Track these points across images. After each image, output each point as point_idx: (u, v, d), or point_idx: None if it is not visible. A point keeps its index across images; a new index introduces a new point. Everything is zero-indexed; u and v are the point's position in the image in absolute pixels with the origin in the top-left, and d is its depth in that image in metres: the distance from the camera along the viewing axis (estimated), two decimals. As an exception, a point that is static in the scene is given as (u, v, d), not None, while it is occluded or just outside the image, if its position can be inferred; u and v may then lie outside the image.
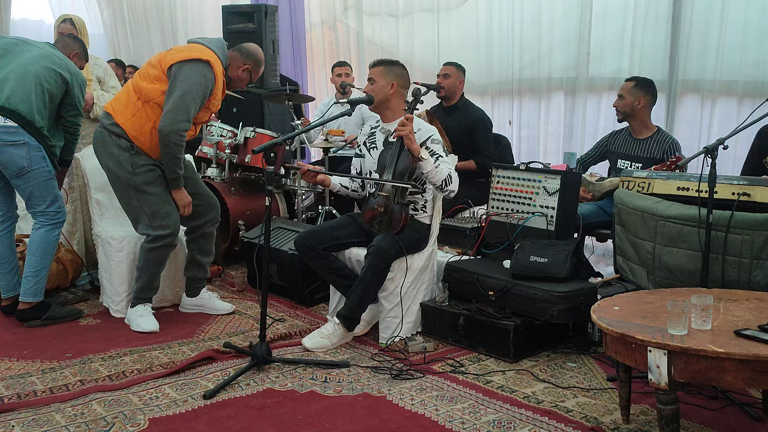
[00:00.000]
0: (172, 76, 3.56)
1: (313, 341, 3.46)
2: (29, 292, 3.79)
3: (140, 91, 3.63)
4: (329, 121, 4.09)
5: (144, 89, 3.62)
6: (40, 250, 3.79)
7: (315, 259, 3.65)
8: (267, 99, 5.78)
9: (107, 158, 3.68)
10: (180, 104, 3.52)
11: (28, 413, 2.78)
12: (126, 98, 3.67)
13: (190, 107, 3.55)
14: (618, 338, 2.39)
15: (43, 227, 3.79)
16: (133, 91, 3.65)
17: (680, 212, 3.08)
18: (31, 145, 3.67)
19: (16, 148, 3.64)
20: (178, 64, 3.56)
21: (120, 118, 3.63)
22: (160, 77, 3.61)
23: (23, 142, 3.65)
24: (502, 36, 5.68)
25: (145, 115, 3.62)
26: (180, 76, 3.54)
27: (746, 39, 4.43)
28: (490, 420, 2.72)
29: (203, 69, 3.58)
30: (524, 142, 5.71)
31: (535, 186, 3.79)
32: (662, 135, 4.14)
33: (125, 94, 3.70)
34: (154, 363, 3.30)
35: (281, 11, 6.91)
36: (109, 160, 3.67)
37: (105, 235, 4.01)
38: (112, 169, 3.68)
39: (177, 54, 3.63)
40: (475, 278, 3.55)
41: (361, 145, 3.84)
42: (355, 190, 3.87)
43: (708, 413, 2.76)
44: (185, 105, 3.53)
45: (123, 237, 3.97)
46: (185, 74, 3.55)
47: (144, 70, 3.71)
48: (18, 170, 3.69)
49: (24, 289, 3.80)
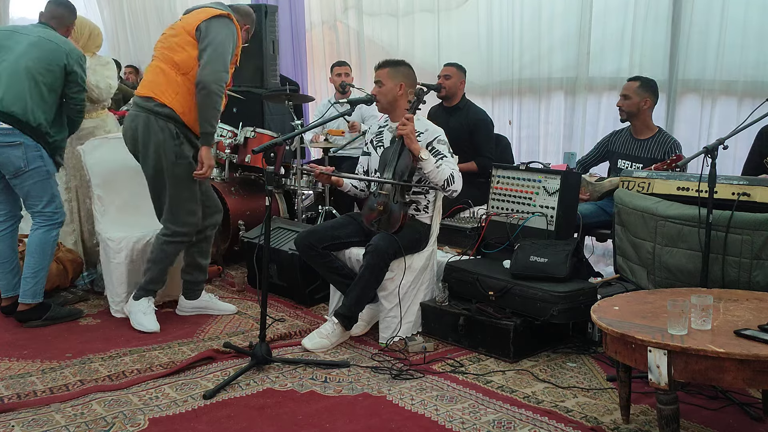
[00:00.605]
0: (202, 34, 3.55)
1: (312, 342, 3.46)
2: (28, 293, 3.78)
3: (176, 65, 3.59)
4: (329, 120, 4.09)
5: (180, 62, 3.59)
6: (39, 251, 3.78)
7: (315, 258, 3.66)
8: (267, 99, 5.77)
9: (151, 144, 3.60)
10: (217, 56, 3.53)
11: (28, 413, 2.77)
12: (163, 77, 3.61)
13: (226, 58, 3.56)
14: (618, 338, 2.39)
15: (41, 228, 3.79)
16: (169, 68, 3.60)
17: (680, 212, 3.08)
18: (28, 145, 3.66)
19: (12, 149, 3.64)
20: (204, 23, 3.56)
21: (165, 98, 3.58)
22: (190, 41, 3.59)
23: (19, 143, 3.64)
24: (503, 36, 5.68)
25: (186, 89, 3.59)
26: (210, 32, 3.54)
27: (746, 39, 4.43)
28: (490, 420, 2.72)
29: (228, 23, 3.61)
30: (524, 142, 5.71)
31: (535, 186, 3.79)
32: (663, 135, 4.13)
33: (160, 74, 3.62)
34: (154, 363, 3.30)
35: (281, 11, 6.91)
36: (152, 145, 3.60)
37: (104, 236, 3.98)
38: (153, 156, 3.61)
39: (198, 15, 3.62)
40: (475, 278, 3.55)
41: (368, 143, 3.85)
42: (363, 190, 3.89)
43: (708, 413, 2.76)
44: (222, 56, 3.54)
45: (121, 238, 3.94)
46: (214, 29, 3.55)
47: (167, 44, 3.65)
48: (15, 170, 3.68)
49: (23, 290, 3.79)
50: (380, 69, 3.69)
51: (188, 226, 3.73)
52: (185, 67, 3.59)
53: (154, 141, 3.60)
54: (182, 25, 3.65)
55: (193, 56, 3.57)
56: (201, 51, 3.55)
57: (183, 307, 4.02)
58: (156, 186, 3.70)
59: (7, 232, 3.86)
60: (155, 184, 3.70)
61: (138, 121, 3.63)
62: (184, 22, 3.65)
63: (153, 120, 3.59)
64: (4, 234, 3.85)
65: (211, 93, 3.52)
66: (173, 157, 3.61)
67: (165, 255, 3.76)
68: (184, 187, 3.67)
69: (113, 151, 4.05)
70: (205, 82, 3.51)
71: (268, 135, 4.98)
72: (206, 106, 3.55)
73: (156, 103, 3.59)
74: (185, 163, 3.64)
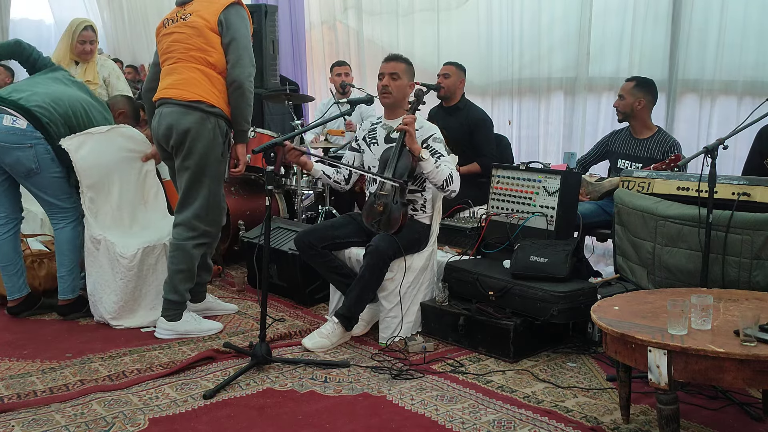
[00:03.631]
0: (224, 28, 3.51)
1: (313, 341, 3.46)
2: (68, 289, 3.88)
3: (213, 65, 3.53)
4: (329, 120, 4.09)
5: (216, 62, 3.53)
6: (70, 249, 3.83)
7: (315, 257, 3.66)
8: (267, 99, 5.78)
9: (200, 141, 3.50)
10: (243, 51, 3.50)
11: (28, 413, 2.77)
12: (204, 79, 3.52)
13: (251, 50, 3.55)
14: (618, 338, 2.39)
15: (66, 225, 3.83)
16: (208, 69, 3.52)
17: (680, 212, 3.08)
18: (39, 148, 3.67)
19: (23, 151, 3.65)
20: (222, 15, 3.51)
21: (212, 99, 3.52)
22: (217, 39, 3.52)
23: (30, 146, 3.65)
24: (502, 36, 5.68)
25: (225, 87, 3.57)
26: (231, 26, 3.51)
27: (746, 38, 4.43)
28: (490, 420, 2.72)
29: (240, 9, 3.58)
30: (524, 142, 5.71)
31: (535, 186, 3.79)
32: (663, 135, 4.13)
33: (203, 78, 3.52)
34: (154, 363, 3.30)
35: (281, 11, 6.92)
36: (202, 142, 3.51)
37: (113, 251, 3.75)
38: (200, 153, 3.51)
39: (211, 6, 3.54)
40: (475, 278, 3.55)
41: (360, 140, 3.84)
42: (338, 182, 3.87)
43: (708, 413, 2.76)
44: (247, 50, 3.53)
45: (134, 255, 3.75)
46: (234, 21, 3.52)
47: (194, 44, 3.52)
48: (26, 172, 3.69)
49: (62, 289, 3.88)
50: (398, 62, 3.66)
51: (217, 225, 3.70)
52: (221, 66, 3.55)
53: (207, 138, 3.52)
54: (201, 22, 3.52)
55: (223, 53, 3.54)
56: (225, 46, 3.52)
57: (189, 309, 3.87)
58: (193, 184, 3.57)
59: (9, 235, 3.87)
60: (193, 181, 3.56)
61: (187, 118, 3.49)
62: (200, 17, 3.53)
63: (206, 118, 3.52)
64: (6, 237, 3.85)
65: (246, 91, 3.51)
66: (220, 155, 3.58)
67: (192, 258, 3.62)
68: (220, 185, 3.65)
69: (98, 147, 3.86)
70: (239, 81, 3.49)
71: (268, 135, 4.98)
72: (242, 104, 3.53)
73: (206, 105, 3.51)
74: (225, 162, 3.64)
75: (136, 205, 4.06)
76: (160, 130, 3.58)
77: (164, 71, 3.65)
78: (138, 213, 4.06)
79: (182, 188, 3.61)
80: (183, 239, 3.60)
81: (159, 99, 3.63)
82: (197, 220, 3.60)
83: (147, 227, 4.02)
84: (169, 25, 3.64)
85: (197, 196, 3.59)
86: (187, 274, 3.63)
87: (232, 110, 3.57)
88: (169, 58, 3.62)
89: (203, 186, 3.58)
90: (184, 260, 3.60)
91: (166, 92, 3.58)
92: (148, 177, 4.10)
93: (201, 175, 3.56)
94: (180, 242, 3.60)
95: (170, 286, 3.61)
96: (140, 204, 4.08)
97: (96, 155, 3.83)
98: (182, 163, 3.58)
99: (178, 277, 3.60)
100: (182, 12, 3.62)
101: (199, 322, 3.72)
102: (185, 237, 3.61)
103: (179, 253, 3.60)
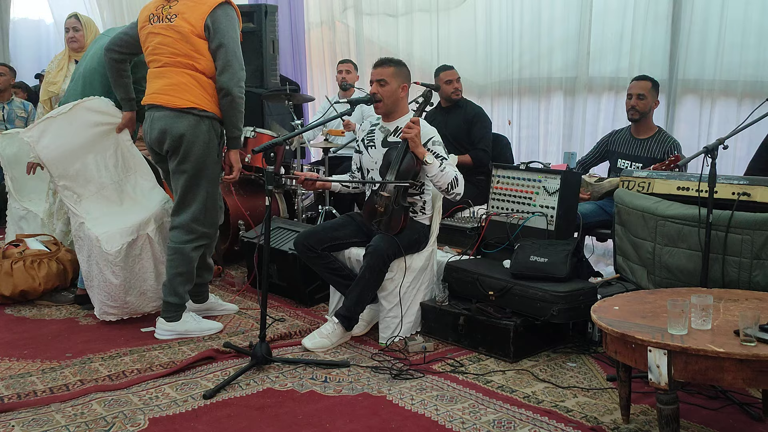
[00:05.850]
0: (212, 31, 3.44)
1: (313, 341, 3.46)
2: None
3: (205, 71, 3.49)
4: (329, 120, 4.09)
5: (204, 69, 3.49)
6: None
7: (314, 259, 3.65)
8: (267, 99, 5.77)
9: (197, 143, 3.49)
10: (232, 56, 3.44)
11: (28, 413, 2.77)
12: (197, 86, 3.48)
13: (240, 55, 3.49)
14: (618, 338, 2.39)
15: None
16: (197, 74, 3.48)
17: (680, 212, 3.08)
18: None
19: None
20: (209, 18, 3.43)
21: (204, 104, 3.49)
22: (204, 43, 3.45)
23: None
24: (502, 36, 5.68)
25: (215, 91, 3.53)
26: (219, 29, 3.43)
27: (746, 38, 4.43)
28: (490, 420, 2.72)
29: (228, 10, 3.49)
30: (524, 142, 5.71)
31: (535, 186, 3.79)
32: (663, 135, 4.13)
33: (193, 82, 3.48)
34: (154, 363, 3.30)
35: (281, 11, 6.92)
36: (198, 145, 3.49)
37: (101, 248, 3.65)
38: (198, 155, 3.49)
39: (197, 8, 3.45)
40: (475, 278, 3.55)
41: (359, 142, 3.84)
42: (356, 187, 3.88)
43: (708, 413, 2.76)
44: (236, 55, 3.46)
45: (119, 250, 3.66)
46: (222, 24, 3.44)
47: (179, 50, 3.47)
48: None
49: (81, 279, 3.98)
50: (384, 67, 3.58)
51: (215, 226, 3.69)
52: (210, 72, 3.50)
53: (203, 141, 3.50)
54: (187, 28, 3.44)
55: (211, 59, 3.48)
56: (213, 51, 3.46)
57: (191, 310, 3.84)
58: (190, 187, 3.54)
59: None
60: (190, 184, 3.54)
61: (181, 122, 3.46)
62: (186, 22, 3.45)
63: (200, 121, 3.49)
64: None
65: (235, 98, 3.46)
66: (215, 156, 3.57)
67: (191, 260, 3.60)
68: (215, 186, 3.62)
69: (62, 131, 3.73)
70: (227, 89, 3.44)
71: (268, 135, 4.98)
72: (232, 111, 3.49)
73: (198, 110, 3.48)
74: (220, 163, 3.62)
75: (122, 180, 3.92)
76: (153, 134, 3.56)
77: (152, 73, 3.61)
78: (126, 186, 3.93)
79: (179, 191, 3.58)
80: (181, 242, 3.58)
81: (148, 104, 3.60)
82: (195, 223, 3.59)
83: (138, 200, 3.89)
84: (155, 23, 3.55)
85: (195, 199, 3.57)
86: (187, 276, 3.62)
87: (222, 117, 3.54)
88: (155, 60, 3.57)
89: (200, 189, 3.56)
90: (182, 263, 3.58)
91: (156, 98, 3.54)
92: (127, 147, 3.93)
93: (198, 178, 3.55)
94: (178, 245, 3.58)
95: (170, 288, 3.59)
96: (125, 177, 3.93)
97: (60, 140, 3.69)
98: (178, 167, 3.55)
99: (178, 279, 3.59)
100: (167, 9, 3.53)
101: (199, 321, 3.71)
102: (183, 240, 3.59)
103: (178, 256, 3.58)
